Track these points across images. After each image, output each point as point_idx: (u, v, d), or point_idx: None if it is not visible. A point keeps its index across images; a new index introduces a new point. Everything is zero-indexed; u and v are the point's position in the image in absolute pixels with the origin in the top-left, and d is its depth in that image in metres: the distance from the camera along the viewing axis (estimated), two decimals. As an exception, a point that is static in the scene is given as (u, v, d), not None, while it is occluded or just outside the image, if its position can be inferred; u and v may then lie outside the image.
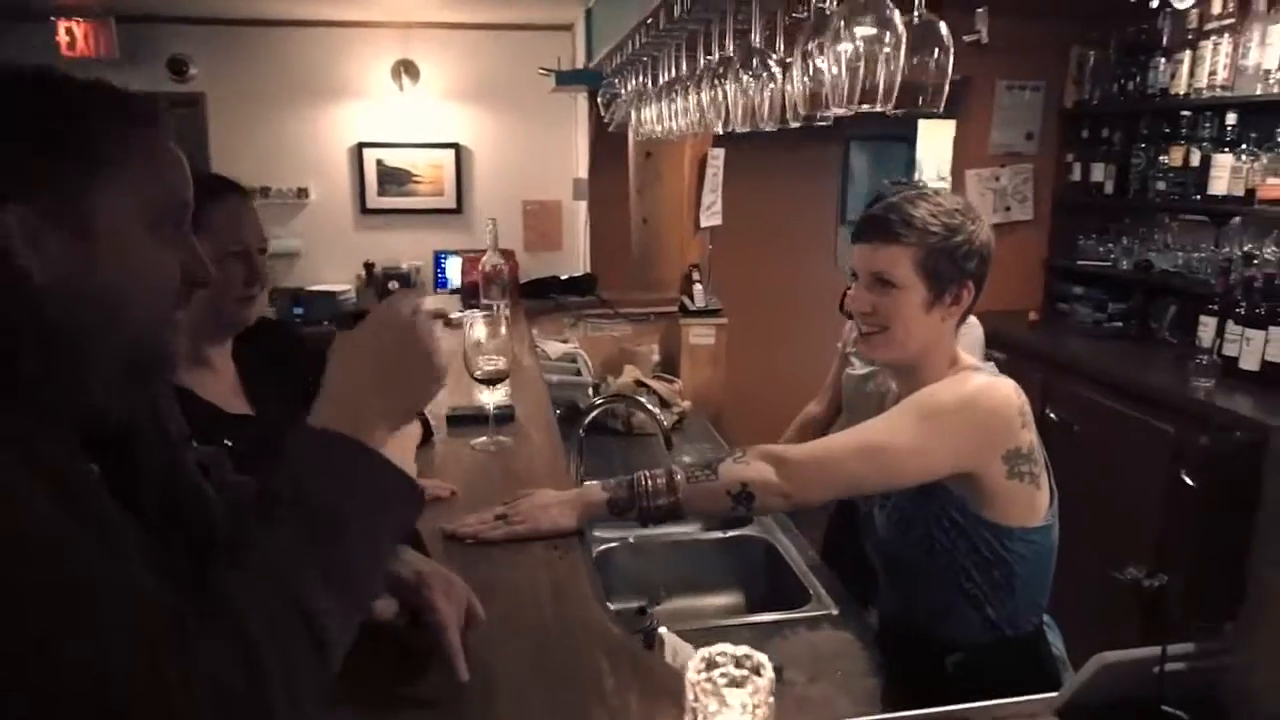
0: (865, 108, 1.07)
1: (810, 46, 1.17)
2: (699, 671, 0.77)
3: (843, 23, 1.04)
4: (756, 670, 0.77)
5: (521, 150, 4.87)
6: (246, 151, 4.69)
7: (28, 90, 0.74)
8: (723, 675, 0.78)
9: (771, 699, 0.75)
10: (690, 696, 0.75)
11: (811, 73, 1.20)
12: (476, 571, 1.13)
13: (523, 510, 1.27)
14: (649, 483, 1.32)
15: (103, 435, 0.78)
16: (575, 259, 4.91)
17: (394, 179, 4.86)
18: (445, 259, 4.83)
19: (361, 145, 4.80)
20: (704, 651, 0.79)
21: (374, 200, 4.86)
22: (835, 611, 1.73)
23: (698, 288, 3.35)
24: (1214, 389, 2.62)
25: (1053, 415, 3.08)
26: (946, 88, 1.15)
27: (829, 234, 5.24)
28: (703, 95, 1.76)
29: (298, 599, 0.70)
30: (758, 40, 1.57)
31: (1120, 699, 0.84)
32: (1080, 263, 3.66)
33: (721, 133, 1.77)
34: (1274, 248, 2.86)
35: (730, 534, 2.13)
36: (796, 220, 5.01)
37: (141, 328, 0.79)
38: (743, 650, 0.79)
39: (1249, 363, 2.64)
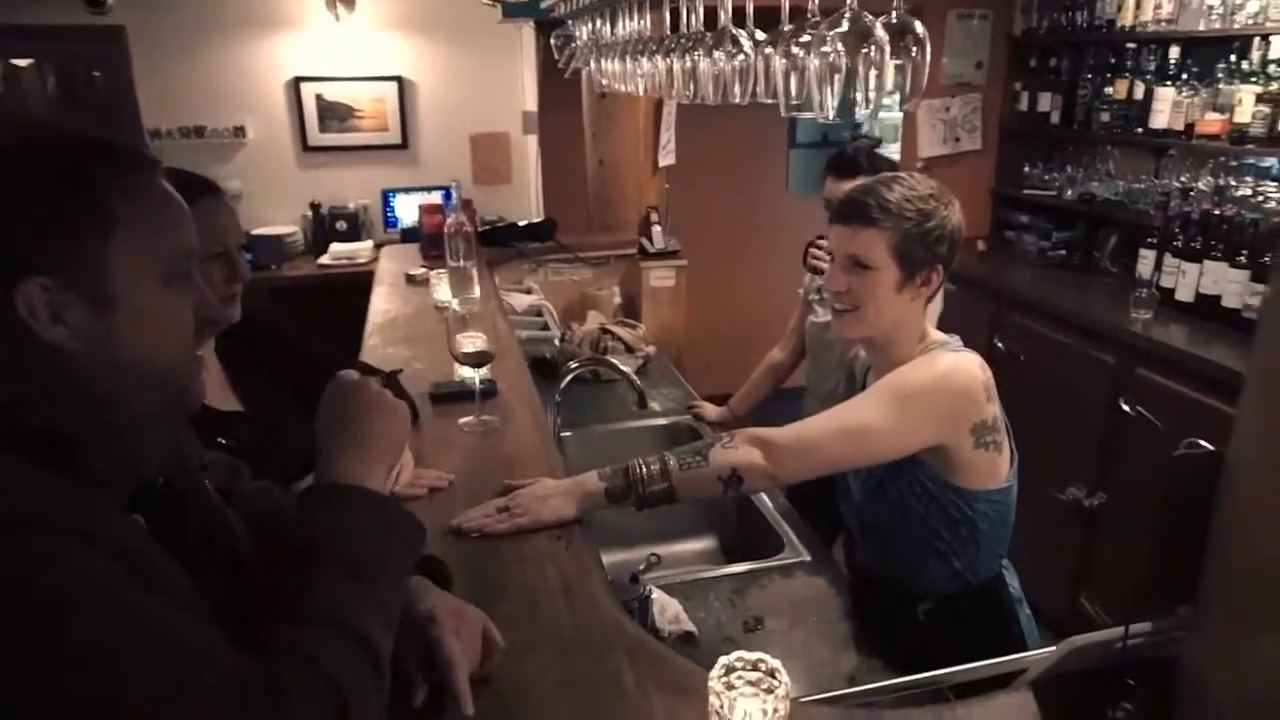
0: (844, 119, 1.10)
1: (794, 49, 1.18)
2: (720, 679, 0.85)
3: (826, 38, 1.06)
4: (772, 674, 0.85)
5: (467, 83, 4.72)
6: (176, 89, 4.46)
7: (34, 159, 0.72)
8: (739, 678, 0.87)
9: (788, 702, 0.83)
10: (716, 704, 0.83)
11: (791, 72, 1.21)
12: (485, 571, 1.18)
13: (524, 502, 1.32)
14: (643, 470, 1.38)
15: (147, 488, 0.81)
16: (526, 194, 4.84)
17: (335, 114, 4.69)
18: (394, 197, 4.72)
19: (298, 79, 4.59)
20: (724, 659, 0.87)
21: (315, 137, 4.68)
22: (808, 558, 1.84)
23: (656, 229, 3.37)
24: (1151, 321, 2.77)
25: (1000, 345, 3.22)
26: (924, 84, 1.18)
27: (780, 158, 5.27)
28: (673, 63, 1.75)
29: (363, 639, 0.76)
30: (728, 9, 1.56)
31: (1087, 671, 0.95)
32: (1026, 191, 3.76)
33: (688, 102, 1.76)
34: (1209, 178, 2.98)
35: (704, 482, 2.22)
36: (747, 147, 5.02)
37: (169, 381, 0.81)
38: (756, 656, 0.87)
39: (1184, 294, 2.79)
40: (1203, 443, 0.88)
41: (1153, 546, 0.87)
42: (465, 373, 1.78)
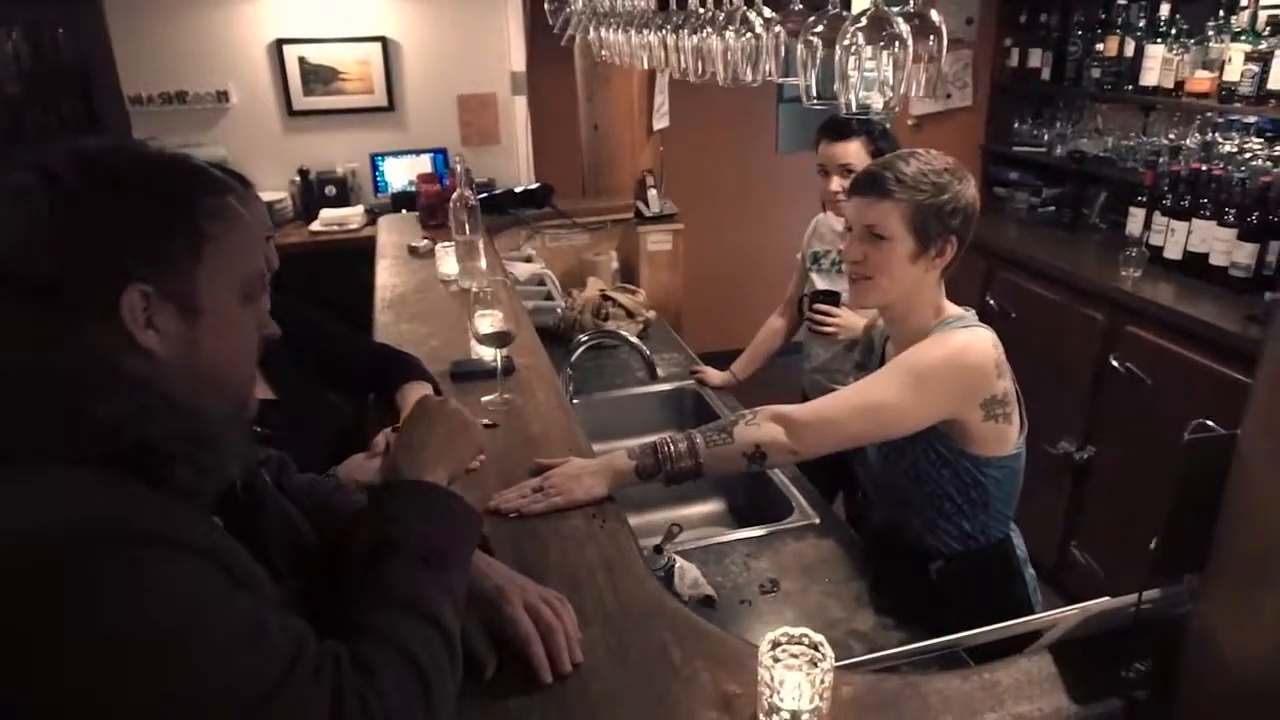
0: (866, 111, 1.13)
1: (812, 39, 1.21)
2: (768, 653, 0.92)
3: (848, 32, 1.09)
4: (816, 647, 0.92)
5: (453, 43, 4.66)
6: (155, 53, 4.38)
7: (141, 173, 0.78)
8: (784, 651, 0.93)
9: (832, 673, 0.90)
10: (767, 677, 0.90)
11: (809, 62, 1.24)
12: (525, 552, 1.24)
13: (558, 482, 1.37)
14: (671, 448, 1.43)
15: (227, 493, 0.85)
16: (516, 156, 4.82)
17: (319, 77, 4.62)
18: (382, 161, 4.69)
19: (280, 42, 4.52)
20: (770, 635, 0.93)
21: (300, 101, 4.62)
22: (817, 520, 1.91)
23: (652, 193, 3.38)
24: (1140, 279, 2.83)
25: (992, 303, 3.28)
26: (939, 75, 1.21)
27: (770, 114, 5.25)
28: (681, 39, 1.76)
29: (436, 621, 0.83)
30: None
31: (1102, 632, 1.02)
32: (1016, 148, 3.79)
33: (697, 80, 1.78)
34: (1197, 135, 3.03)
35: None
36: (737, 104, 5.00)
37: (236, 391, 0.87)
38: (800, 630, 0.94)
39: (1173, 252, 2.85)
40: (1210, 423, 0.94)
41: (1165, 521, 0.94)
42: (483, 351, 1.81)
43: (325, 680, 0.72)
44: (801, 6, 1.38)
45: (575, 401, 2.45)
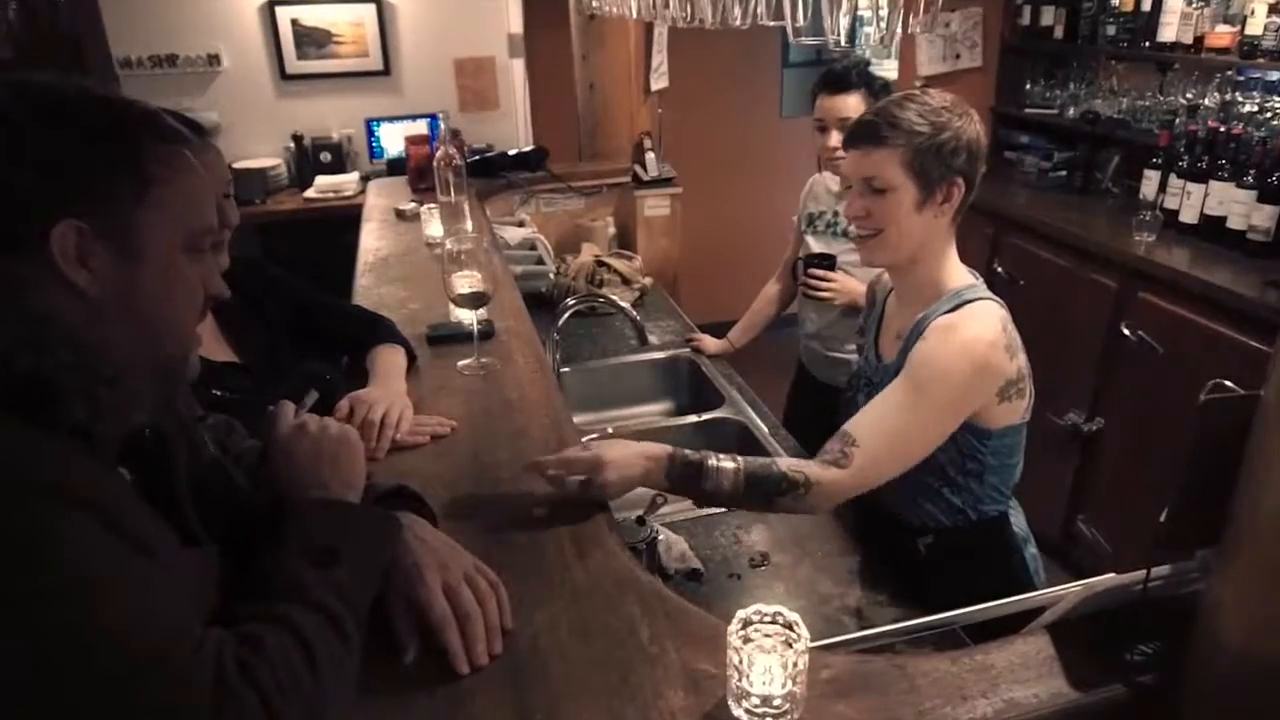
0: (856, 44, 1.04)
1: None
2: (737, 633, 0.84)
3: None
4: (790, 627, 0.84)
5: (448, 4, 4.54)
6: (145, 15, 4.28)
7: (86, 109, 0.75)
8: (756, 630, 0.86)
9: (806, 655, 0.82)
10: (735, 659, 0.82)
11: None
12: (489, 522, 1.17)
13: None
14: (715, 465, 1.32)
15: (134, 442, 0.82)
16: (514, 121, 4.71)
17: (313, 40, 4.51)
18: (378, 126, 4.59)
19: (273, 3, 4.41)
20: (741, 612, 0.86)
21: (293, 65, 4.52)
22: (811, 493, 1.83)
23: (650, 156, 3.27)
24: (1154, 243, 2.73)
25: (1000, 270, 3.18)
26: (936, 12, 1.12)
27: (774, 77, 5.12)
28: (668, -17, 1.67)
29: (321, 608, 0.80)
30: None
31: (1105, 611, 0.95)
32: (1027, 110, 3.66)
33: (684, 25, 1.68)
34: (1215, 95, 2.90)
35: (705, 417, 2.21)
36: (740, 66, 4.89)
37: (172, 347, 0.82)
38: (774, 608, 0.86)
39: (1189, 216, 2.74)
40: (1229, 383, 0.86)
41: (1179, 488, 0.86)
42: (462, 314, 1.74)
43: (207, 654, 0.69)
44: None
45: (565, 369, 2.38)
